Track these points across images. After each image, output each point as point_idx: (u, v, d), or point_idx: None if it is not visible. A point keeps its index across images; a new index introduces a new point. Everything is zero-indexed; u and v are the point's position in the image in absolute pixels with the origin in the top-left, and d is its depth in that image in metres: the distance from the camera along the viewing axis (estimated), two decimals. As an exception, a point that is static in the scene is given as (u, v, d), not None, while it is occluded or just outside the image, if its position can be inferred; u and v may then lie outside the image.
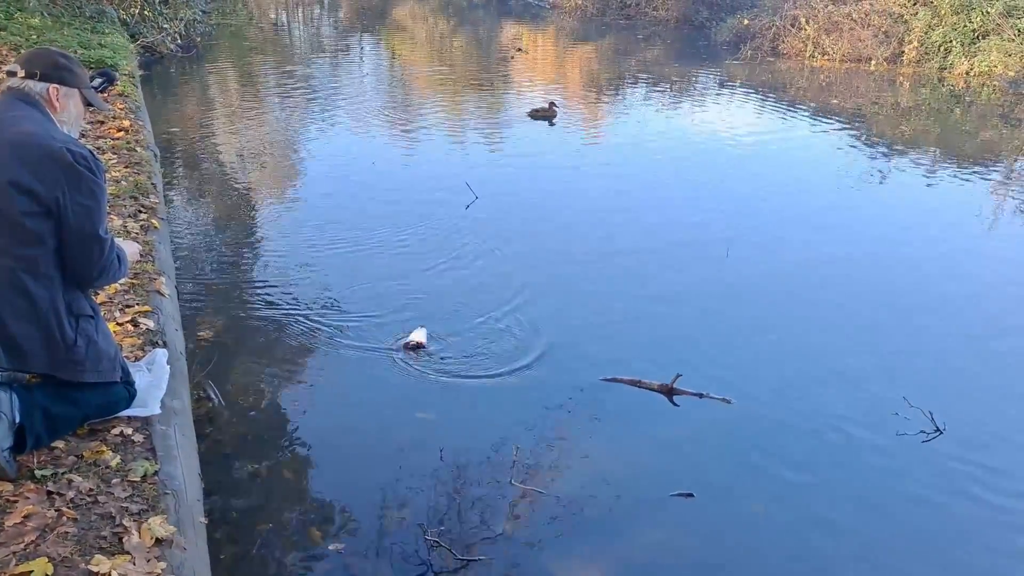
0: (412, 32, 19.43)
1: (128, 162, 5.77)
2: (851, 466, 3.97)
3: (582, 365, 4.67)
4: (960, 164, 9.32)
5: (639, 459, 3.93)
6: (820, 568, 3.37)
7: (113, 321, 3.48)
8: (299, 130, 9.87)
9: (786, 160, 9.22)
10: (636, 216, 7.17)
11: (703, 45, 17.08)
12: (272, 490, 3.59)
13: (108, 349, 2.71)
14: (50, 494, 2.42)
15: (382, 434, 4.00)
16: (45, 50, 2.78)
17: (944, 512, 3.72)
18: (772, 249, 6.58)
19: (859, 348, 5.03)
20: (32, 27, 9.61)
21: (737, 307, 5.49)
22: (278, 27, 19.31)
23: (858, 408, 4.42)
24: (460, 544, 3.28)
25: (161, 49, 12.62)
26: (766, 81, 13.71)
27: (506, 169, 8.55)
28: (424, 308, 5.24)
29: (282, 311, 5.17)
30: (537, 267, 5.91)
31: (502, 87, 13.06)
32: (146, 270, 4.08)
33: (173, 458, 2.77)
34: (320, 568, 3.17)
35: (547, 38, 19.00)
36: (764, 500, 3.70)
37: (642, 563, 3.33)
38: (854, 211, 7.55)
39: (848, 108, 11.85)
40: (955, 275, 6.24)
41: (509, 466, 3.76)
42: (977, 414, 4.43)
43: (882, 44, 14.73)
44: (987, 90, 13.04)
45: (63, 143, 2.53)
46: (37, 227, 2.46)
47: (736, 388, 4.48)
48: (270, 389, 4.33)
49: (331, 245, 6.20)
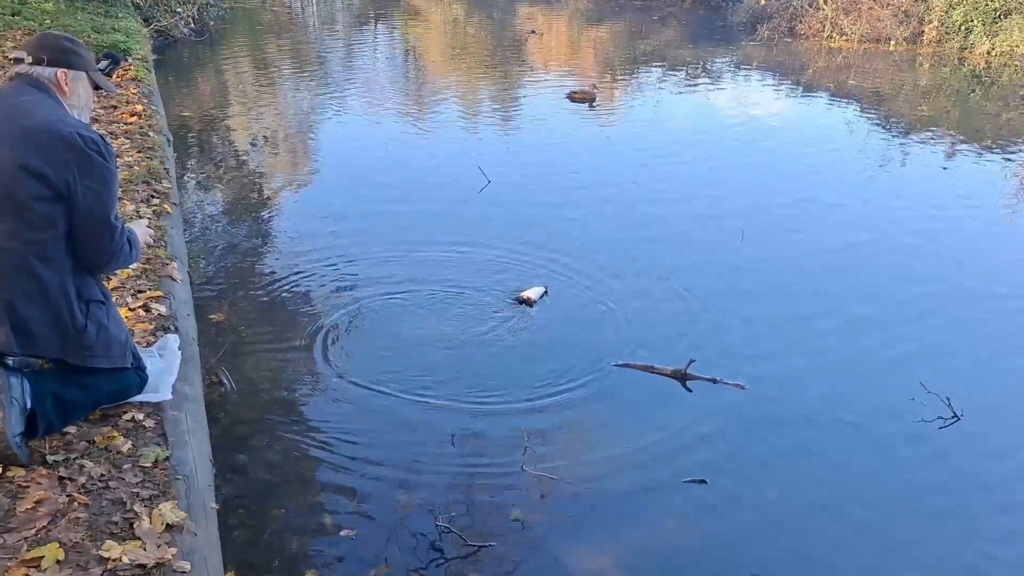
0: (426, 15, 19.34)
1: (141, 147, 5.77)
2: (866, 452, 3.93)
3: (594, 350, 4.65)
4: (981, 145, 9.18)
5: (652, 445, 3.90)
6: (834, 554, 3.34)
7: (125, 306, 3.48)
8: (313, 114, 9.86)
9: (803, 143, 9.11)
10: (649, 198, 7.10)
11: (719, 26, 16.90)
12: (283, 475, 3.59)
13: (119, 335, 2.70)
14: (62, 480, 2.42)
15: (394, 419, 3.99)
16: (50, 34, 2.75)
17: (960, 499, 3.67)
18: (788, 232, 6.51)
19: (875, 333, 4.97)
20: (46, 11, 9.63)
21: (752, 291, 5.43)
22: (291, 11, 19.26)
23: (874, 394, 4.37)
24: (471, 530, 3.28)
25: (174, 33, 12.64)
26: (783, 62, 13.55)
27: (519, 152, 8.50)
28: (438, 294, 5.23)
29: (295, 296, 5.17)
30: (548, 250, 5.87)
31: (516, 70, 12.97)
32: (158, 255, 4.08)
33: (184, 444, 2.77)
34: (331, 553, 3.18)
35: (562, 20, 18.85)
36: (777, 486, 3.67)
37: (654, 549, 3.31)
38: (872, 193, 7.45)
39: (867, 89, 11.69)
40: (974, 259, 6.15)
41: (521, 452, 3.75)
42: (996, 400, 4.37)
43: (902, 24, 14.52)
44: (1008, 70, 12.82)
45: (73, 128, 2.52)
46: (47, 211, 2.45)
47: (750, 374, 4.45)
48: (282, 374, 4.34)
49: (344, 229, 6.18)
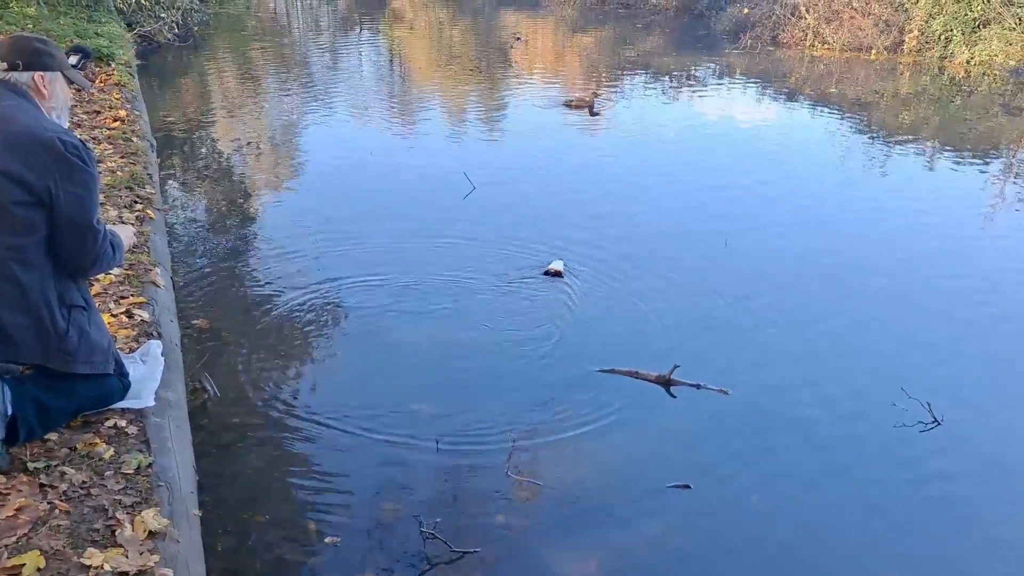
0: (411, 21, 19.34)
1: (124, 152, 5.74)
2: (848, 457, 3.96)
3: (578, 356, 4.66)
4: (960, 153, 9.28)
5: (636, 450, 3.92)
6: (817, 559, 3.36)
7: (108, 312, 3.46)
8: (297, 120, 9.83)
9: (786, 150, 9.17)
10: (632, 205, 7.13)
11: (703, 34, 17.01)
12: (267, 482, 3.58)
13: (101, 341, 2.69)
14: (43, 487, 2.40)
15: (378, 426, 3.98)
16: (21, 37, 2.72)
17: (943, 503, 3.71)
18: (771, 239, 6.55)
19: (856, 338, 5.02)
20: (28, 16, 9.57)
21: (736, 298, 5.46)
22: (276, 16, 19.22)
23: (855, 399, 4.40)
24: (456, 536, 3.27)
25: (158, 38, 12.58)
26: (766, 70, 13.65)
27: (504, 159, 8.51)
28: (421, 297, 5.23)
29: (279, 302, 5.15)
30: (530, 256, 5.88)
31: (501, 76, 13.00)
32: (141, 261, 4.06)
33: (167, 450, 2.75)
34: (315, 561, 3.16)
35: (546, 27, 18.91)
36: (761, 491, 3.69)
37: (638, 554, 3.32)
38: (854, 201, 7.52)
39: (848, 97, 11.80)
40: (955, 265, 6.21)
41: (505, 458, 3.75)
42: (976, 404, 4.41)
43: (883, 33, 14.67)
44: (987, 79, 12.98)
45: (54, 132, 2.52)
46: (28, 217, 2.44)
47: (734, 379, 4.47)
48: (266, 380, 4.32)
49: (328, 235, 6.17)
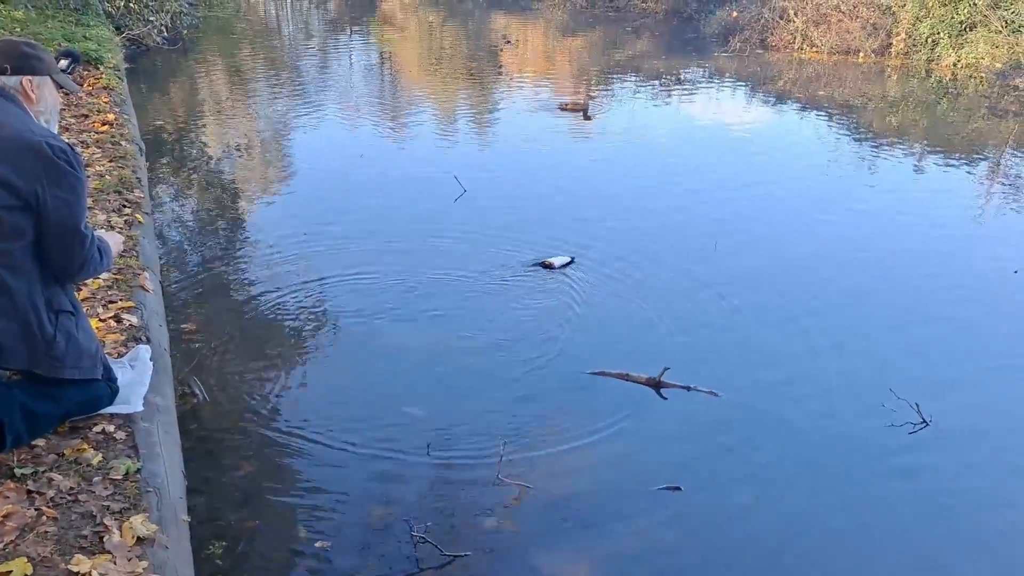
0: (401, 25, 19.34)
1: (112, 156, 5.71)
2: (838, 458, 3.97)
3: (569, 359, 4.66)
4: (948, 155, 9.35)
5: (626, 453, 3.92)
6: (807, 560, 3.38)
7: (96, 317, 3.44)
8: (286, 123, 9.82)
9: (774, 152, 9.21)
10: (621, 207, 7.15)
11: (692, 37, 17.07)
12: (257, 487, 3.56)
13: (89, 346, 2.67)
14: (30, 493, 2.39)
15: (369, 430, 3.97)
16: (8, 41, 2.71)
17: (931, 503, 3.73)
18: (760, 241, 6.58)
19: (846, 340, 5.04)
20: (16, 19, 9.51)
21: (725, 300, 5.48)
22: (266, 19, 19.19)
23: (845, 401, 4.42)
24: (447, 540, 3.27)
25: (147, 42, 12.52)
26: (755, 73, 13.71)
27: (494, 161, 8.52)
28: (411, 300, 5.23)
29: (268, 305, 5.14)
30: (521, 259, 5.89)
31: (491, 79, 13.01)
32: (130, 265, 4.04)
33: (156, 455, 2.74)
34: (305, 566, 3.15)
35: (536, 30, 18.94)
36: (751, 493, 3.70)
37: (629, 557, 3.32)
38: (841, 203, 7.55)
39: (836, 100, 11.86)
40: (943, 265, 6.26)
41: (496, 461, 3.75)
42: (964, 405, 4.44)
43: (870, 36, 14.76)
44: (974, 82, 13.08)
45: (42, 137, 2.50)
46: (15, 221, 2.43)
47: (723, 381, 4.48)
48: (256, 385, 4.31)
49: (317, 239, 6.15)
